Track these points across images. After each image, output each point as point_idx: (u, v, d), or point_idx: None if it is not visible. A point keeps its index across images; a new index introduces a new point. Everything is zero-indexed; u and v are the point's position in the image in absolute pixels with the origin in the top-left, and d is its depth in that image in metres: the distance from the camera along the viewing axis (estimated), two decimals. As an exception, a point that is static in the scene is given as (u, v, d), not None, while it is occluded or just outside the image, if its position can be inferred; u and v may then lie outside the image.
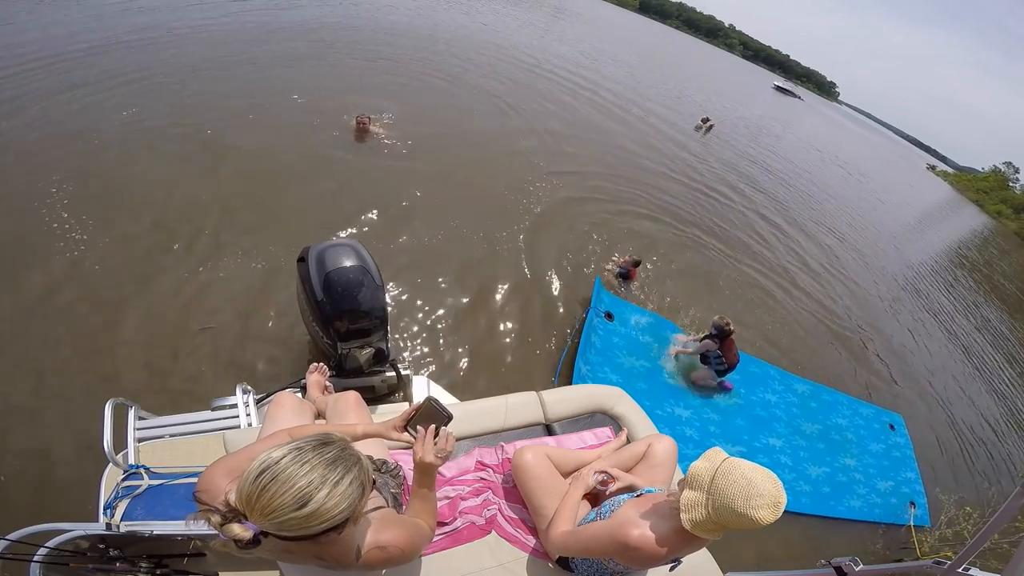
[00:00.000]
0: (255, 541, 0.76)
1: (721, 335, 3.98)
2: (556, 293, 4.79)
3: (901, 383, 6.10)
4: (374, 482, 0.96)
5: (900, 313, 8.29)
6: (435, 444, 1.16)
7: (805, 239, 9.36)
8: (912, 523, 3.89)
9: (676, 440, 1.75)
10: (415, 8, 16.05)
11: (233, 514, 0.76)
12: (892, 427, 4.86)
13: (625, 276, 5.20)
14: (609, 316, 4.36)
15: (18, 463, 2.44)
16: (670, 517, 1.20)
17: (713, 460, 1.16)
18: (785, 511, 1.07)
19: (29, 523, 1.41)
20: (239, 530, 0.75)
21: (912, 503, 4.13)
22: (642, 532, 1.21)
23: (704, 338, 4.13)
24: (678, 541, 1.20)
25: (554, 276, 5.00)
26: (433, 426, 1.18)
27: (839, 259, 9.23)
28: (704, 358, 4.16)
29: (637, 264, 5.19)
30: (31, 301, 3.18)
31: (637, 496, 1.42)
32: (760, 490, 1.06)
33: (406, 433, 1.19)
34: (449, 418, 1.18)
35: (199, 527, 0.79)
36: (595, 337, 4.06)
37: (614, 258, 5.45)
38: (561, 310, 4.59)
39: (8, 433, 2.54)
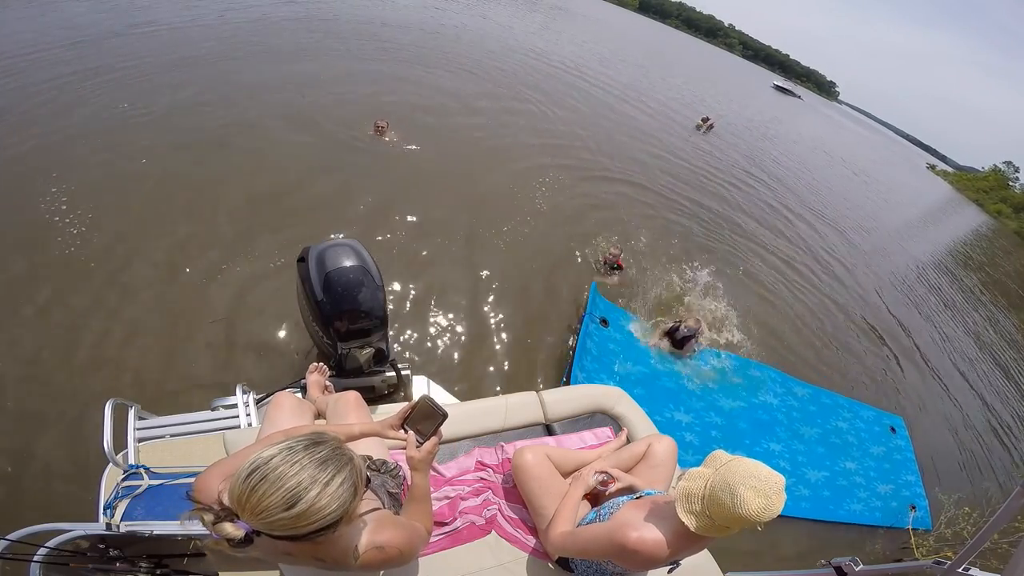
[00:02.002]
0: (247, 540, 0.76)
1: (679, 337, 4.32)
2: (559, 293, 4.78)
3: (903, 383, 6.10)
4: (368, 481, 0.96)
5: (903, 312, 8.28)
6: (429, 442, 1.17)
7: (809, 239, 9.35)
8: (912, 526, 3.88)
9: (676, 444, 1.74)
10: (437, 10, 16.40)
11: (226, 513, 0.77)
12: (893, 430, 4.84)
13: (614, 267, 5.29)
14: (604, 322, 4.31)
15: (18, 463, 2.44)
16: (669, 519, 1.20)
17: (720, 458, 1.16)
18: (786, 515, 1.07)
19: (29, 523, 1.41)
20: (231, 529, 0.75)
21: (913, 506, 4.11)
22: (640, 535, 1.20)
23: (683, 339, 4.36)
24: (677, 543, 1.20)
25: (558, 275, 5.00)
26: (429, 427, 1.18)
27: (844, 258, 9.22)
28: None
29: (619, 253, 5.30)
30: (29, 298, 3.18)
31: (637, 498, 1.42)
32: (759, 474, 1.05)
33: (402, 431, 1.19)
34: (444, 416, 1.18)
35: (197, 527, 0.80)
36: (591, 343, 4.00)
37: (603, 249, 5.48)
38: (564, 310, 4.58)
39: (8, 433, 2.54)
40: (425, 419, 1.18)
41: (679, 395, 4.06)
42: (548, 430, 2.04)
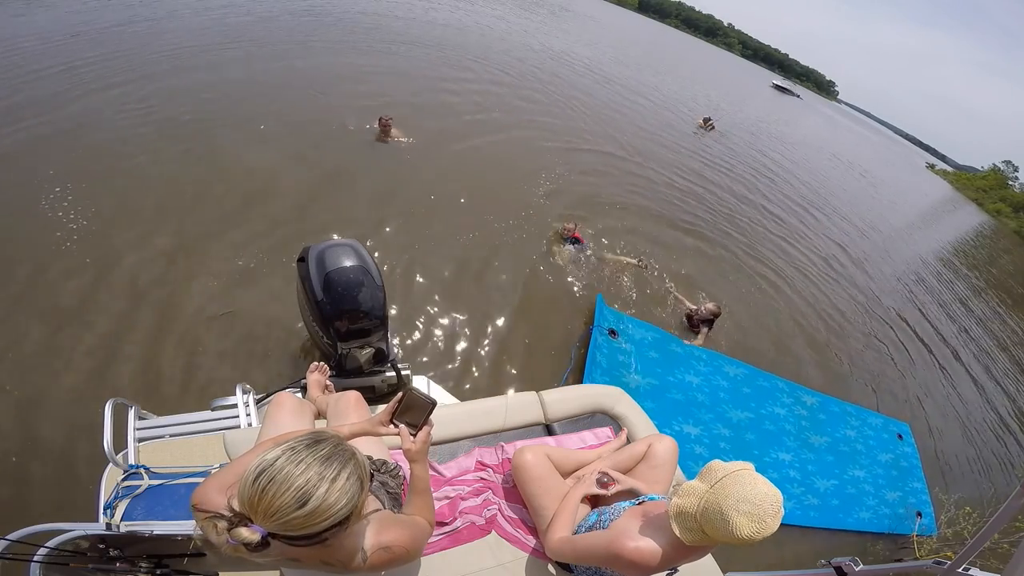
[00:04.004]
0: (264, 543, 0.77)
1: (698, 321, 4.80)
2: (561, 293, 4.77)
3: (904, 384, 6.09)
4: (372, 476, 0.97)
5: (906, 314, 8.26)
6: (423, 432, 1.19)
7: (814, 242, 9.32)
8: (917, 533, 3.88)
9: (685, 459, 1.73)
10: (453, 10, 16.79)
11: (239, 518, 0.78)
12: (900, 436, 4.82)
13: (574, 241, 5.36)
14: (613, 333, 4.19)
15: (18, 463, 2.44)
16: (667, 529, 1.19)
17: (716, 472, 1.14)
18: (794, 525, 1.05)
19: (29, 523, 1.41)
20: (247, 534, 0.76)
21: (919, 513, 4.11)
22: (637, 545, 1.20)
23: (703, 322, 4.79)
24: (674, 554, 1.19)
25: (561, 274, 4.99)
26: (418, 417, 1.19)
27: (847, 263, 9.19)
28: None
29: (574, 227, 5.40)
30: (28, 296, 3.17)
31: (638, 503, 1.41)
32: (753, 497, 1.02)
33: (392, 426, 1.20)
34: (433, 404, 1.18)
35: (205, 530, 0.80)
36: (600, 356, 3.90)
37: (568, 226, 5.47)
38: (567, 310, 4.57)
39: (8, 433, 2.54)
40: (413, 410, 1.18)
41: (688, 408, 3.97)
42: (548, 430, 2.04)
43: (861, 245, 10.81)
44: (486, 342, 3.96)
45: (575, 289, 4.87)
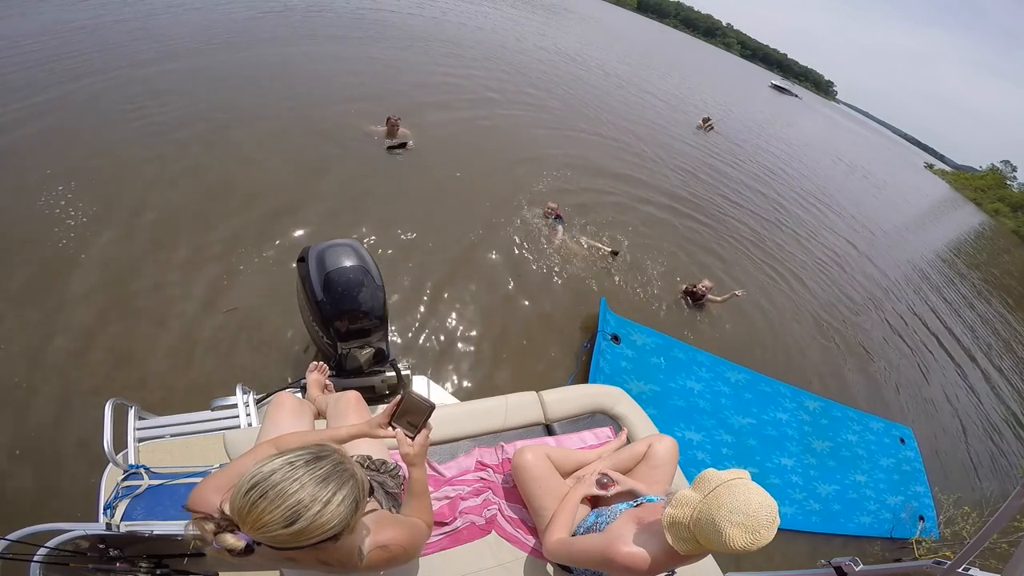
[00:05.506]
0: (248, 550, 0.77)
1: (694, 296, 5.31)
2: (563, 294, 4.78)
3: (906, 384, 6.10)
4: (372, 491, 0.96)
5: (907, 314, 8.28)
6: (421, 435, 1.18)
7: (816, 243, 9.34)
8: (919, 536, 3.89)
9: (688, 465, 1.72)
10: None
11: (227, 523, 0.77)
12: (902, 441, 4.83)
13: (558, 218, 5.57)
14: (615, 339, 4.16)
15: (18, 463, 2.44)
16: (662, 534, 1.17)
17: (709, 482, 1.12)
18: (796, 530, 1.03)
19: (29, 523, 1.41)
20: (231, 540, 0.76)
21: (921, 517, 4.12)
22: (630, 550, 1.19)
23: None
24: (667, 560, 1.19)
25: (563, 277, 4.99)
26: (417, 420, 1.19)
27: (849, 263, 9.21)
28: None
29: (556, 206, 5.66)
30: (29, 296, 3.17)
31: (636, 505, 1.41)
32: (746, 508, 1.00)
33: (390, 429, 1.19)
34: (431, 407, 1.18)
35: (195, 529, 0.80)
36: (603, 363, 3.88)
37: (551, 205, 5.67)
38: (567, 312, 4.57)
39: (8, 433, 2.53)
40: (412, 413, 1.18)
41: (690, 414, 3.96)
42: (548, 430, 2.04)
43: (866, 246, 10.82)
44: (487, 342, 3.96)
45: (577, 289, 4.87)
